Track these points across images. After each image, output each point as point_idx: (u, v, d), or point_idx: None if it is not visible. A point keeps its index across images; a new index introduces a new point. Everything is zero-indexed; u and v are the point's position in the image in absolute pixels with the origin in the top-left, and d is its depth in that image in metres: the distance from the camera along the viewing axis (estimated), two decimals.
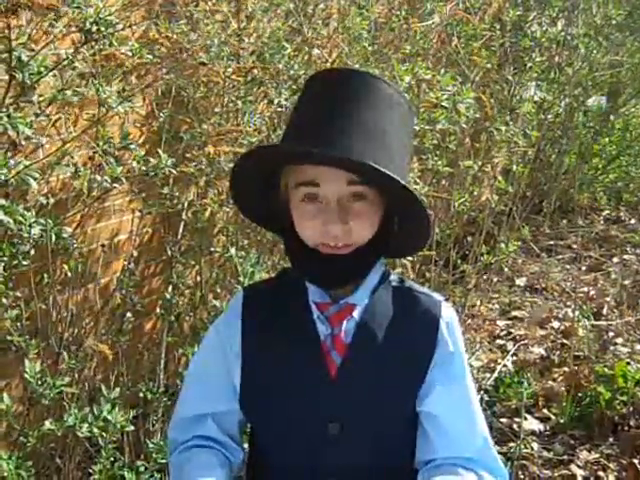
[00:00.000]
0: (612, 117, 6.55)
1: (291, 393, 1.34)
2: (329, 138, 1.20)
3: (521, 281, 5.11)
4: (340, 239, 1.25)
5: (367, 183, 1.23)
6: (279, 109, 2.97)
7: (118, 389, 2.32)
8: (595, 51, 5.40)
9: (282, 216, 1.32)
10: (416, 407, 1.35)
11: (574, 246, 5.74)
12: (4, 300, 2.16)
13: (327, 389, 1.33)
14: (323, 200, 1.25)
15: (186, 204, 2.94)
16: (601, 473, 3.10)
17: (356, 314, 1.34)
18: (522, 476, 3.07)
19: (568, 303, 4.66)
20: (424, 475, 1.31)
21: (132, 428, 2.34)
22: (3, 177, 1.92)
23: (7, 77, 1.99)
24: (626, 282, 4.93)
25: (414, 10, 3.84)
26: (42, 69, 1.95)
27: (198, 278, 3.04)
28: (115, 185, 2.36)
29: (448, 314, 1.39)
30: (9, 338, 2.21)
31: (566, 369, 3.72)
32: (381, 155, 1.21)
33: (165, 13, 2.77)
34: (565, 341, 4.06)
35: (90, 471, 2.39)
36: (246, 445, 1.48)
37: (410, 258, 3.28)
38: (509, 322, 4.49)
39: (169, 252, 3.01)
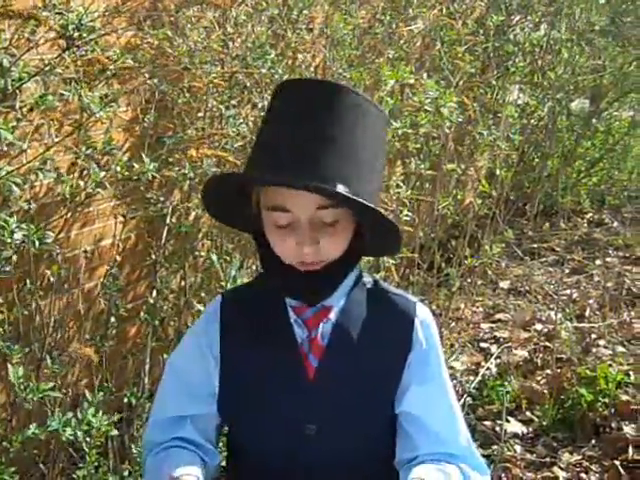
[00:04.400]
0: (594, 121, 6.60)
1: (269, 396, 1.36)
2: (296, 160, 1.21)
3: (505, 284, 5.14)
4: (312, 257, 1.27)
5: (336, 206, 1.24)
6: (262, 113, 2.98)
7: (101, 394, 2.32)
8: (577, 55, 5.44)
9: (256, 224, 1.34)
10: (395, 408, 1.36)
11: (557, 249, 5.77)
12: None
13: (305, 391, 1.35)
14: (294, 222, 1.26)
15: (170, 209, 2.94)
16: (583, 475, 3.12)
17: (332, 316, 1.36)
18: (505, 479, 3.08)
19: (551, 306, 4.69)
20: (406, 470, 1.32)
21: (116, 433, 2.34)
22: None
23: None
24: (608, 284, 4.97)
25: (398, 15, 3.86)
26: (24, 75, 1.95)
27: (182, 283, 3.04)
28: (98, 190, 2.36)
29: (423, 314, 1.41)
30: None
31: (549, 371, 3.75)
32: (350, 172, 1.22)
33: (150, 19, 2.78)
34: (548, 344, 4.08)
35: (74, 477, 2.38)
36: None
37: (394, 261, 3.29)
38: (493, 325, 4.51)
39: (153, 257, 3.00)
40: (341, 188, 1.20)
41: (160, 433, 1.41)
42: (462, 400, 3.53)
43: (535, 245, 5.78)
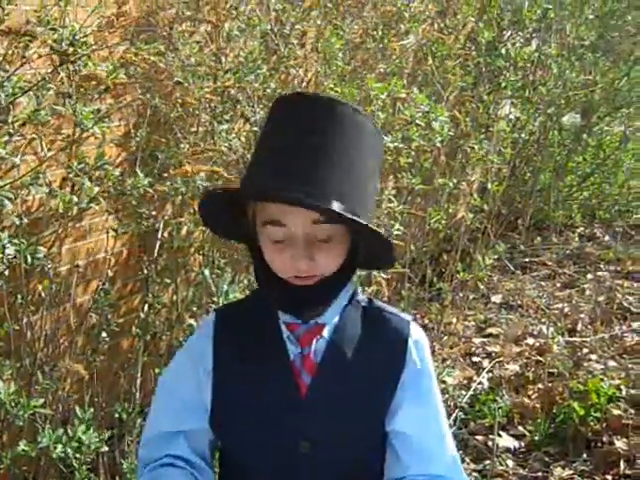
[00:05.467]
0: (585, 135, 6.63)
1: (262, 413, 1.35)
2: (293, 175, 1.21)
3: (497, 298, 5.14)
4: (307, 272, 1.26)
5: (331, 221, 1.24)
6: (255, 128, 2.99)
7: (92, 410, 2.31)
8: (568, 71, 5.48)
9: (252, 237, 1.34)
10: (385, 426, 1.36)
11: (549, 263, 5.78)
12: None
13: (297, 408, 1.34)
14: (289, 237, 1.26)
15: (162, 223, 2.94)
16: None
17: (325, 333, 1.35)
18: None
19: (543, 320, 4.70)
20: None
21: (106, 449, 2.33)
22: None
23: None
24: (600, 299, 4.98)
25: (390, 30, 3.88)
26: (17, 90, 1.95)
27: (174, 297, 3.04)
28: (91, 205, 2.36)
29: (417, 333, 1.40)
30: None
31: (541, 386, 3.75)
32: (346, 189, 1.22)
33: (144, 34, 2.78)
34: (540, 358, 4.09)
35: None
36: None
37: (385, 275, 3.30)
38: (485, 339, 4.51)
39: (145, 271, 3.00)
40: (336, 205, 1.20)
41: (154, 450, 1.40)
42: (454, 415, 3.53)
43: (527, 259, 5.80)
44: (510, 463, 3.27)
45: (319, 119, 1.24)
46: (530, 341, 4.38)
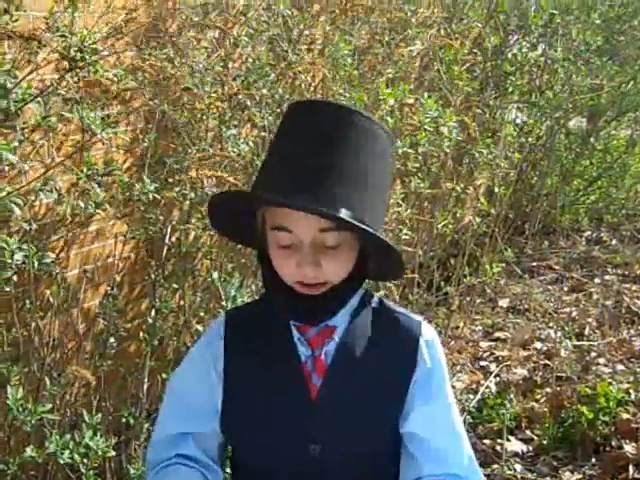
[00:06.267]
0: (592, 139, 6.62)
1: (272, 415, 1.35)
2: (302, 183, 1.21)
3: (504, 302, 5.13)
4: (312, 278, 1.26)
5: (339, 229, 1.24)
6: (262, 133, 2.99)
7: (100, 415, 2.31)
8: (574, 75, 5.47)
9: (260, 242, 1.34)
10: (399, 428, 1.36)
11: (556, 267, 5.77)
12: None
13: (308, 411, 1.34)
14: (296, 243, 1.26)
15: (170, 228, 2.94)
16: None
17: (336, 336, 1.35)
18: None
19: (550, 324, 4.69)
20: None
21: (114, 454, 2.33)
22: None
23: None
24: (607, 303, 4.97)
25: (397, 35, 3.88)
26: (26, 96, 1.96)
27: (182, 302, 3.04)
28: (99, 211, 2.36)
29: (428, 333, 1.40)
30: None
31: (549, 390, 3.74)
32: (355, 197, 1.22)
33: (152, 40, 2.79)
34: (548, 362, 4.08)
35: None
36: (228, 470, 1.49)
37: (394, 280, 3.29)
38: (492, 343, 4.51)
39: (152, 276, 3.00)
40: (344, 212, 1.19)
41: (162, 451, 1.41)
42: (462, 418, 3.51)
43: (534, 263, 5.79)
44: (518, 467, 3.26)
45: (330, 129, 1.24)
46: (538, 345, 4.37)
